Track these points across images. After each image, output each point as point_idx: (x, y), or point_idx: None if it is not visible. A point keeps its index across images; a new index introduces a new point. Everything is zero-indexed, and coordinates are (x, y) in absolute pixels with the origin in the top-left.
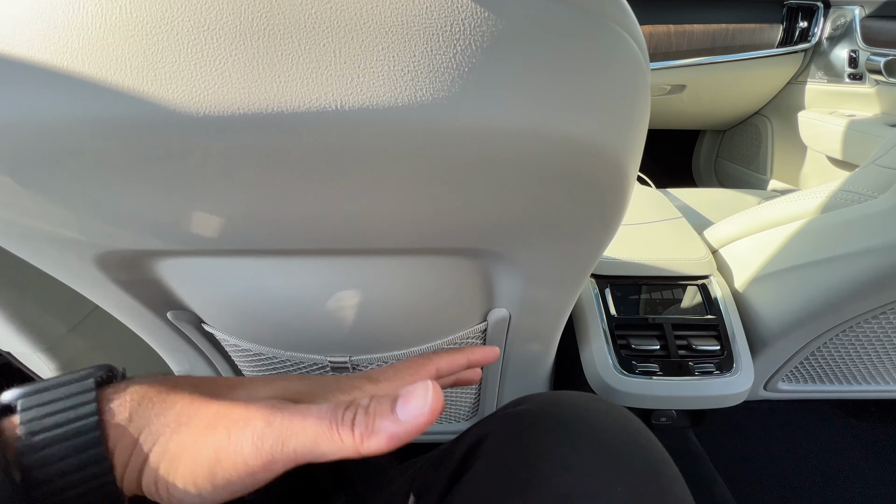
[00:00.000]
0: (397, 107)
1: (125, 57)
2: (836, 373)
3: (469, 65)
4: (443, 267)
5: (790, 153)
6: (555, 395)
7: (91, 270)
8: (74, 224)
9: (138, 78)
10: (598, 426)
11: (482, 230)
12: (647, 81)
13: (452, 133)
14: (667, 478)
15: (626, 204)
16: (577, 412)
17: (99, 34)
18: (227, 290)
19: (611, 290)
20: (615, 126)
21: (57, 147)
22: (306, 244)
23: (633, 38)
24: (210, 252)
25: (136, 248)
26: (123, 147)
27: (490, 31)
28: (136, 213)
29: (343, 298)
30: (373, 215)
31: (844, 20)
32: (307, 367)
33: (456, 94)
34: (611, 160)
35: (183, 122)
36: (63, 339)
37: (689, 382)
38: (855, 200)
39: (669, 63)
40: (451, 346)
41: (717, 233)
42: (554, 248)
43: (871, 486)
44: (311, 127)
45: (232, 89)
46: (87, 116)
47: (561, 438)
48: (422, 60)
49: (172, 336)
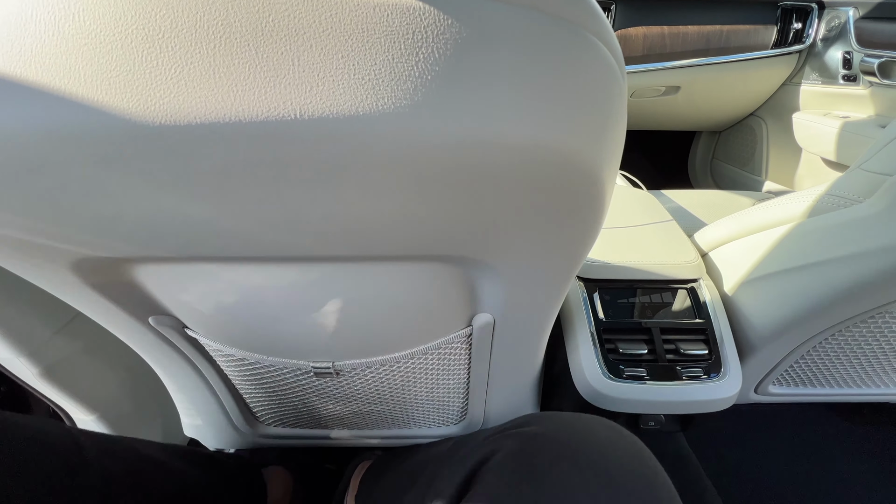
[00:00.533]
0: (359, 116)
1: (79, 65)
2: (827, 376)
3: (432, 72)
4: (424, 273)
5: (785, 154)
6: (566, 419)
7: (67, 276)
8: (46, 233)
9: (91, 87)
10: (607, 454)
11: (458, 238)
12: (622, 90)
13: (417, 143)
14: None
15: (604, 211)
16: (587, 438)
17: (51, 43)
18: (209, 296)
19: (599, 293)
20: (588, 134)
21: (14, 159)
22: (281, 252)
23: (607, 45)
24: (185, 259)
25: (110, 256)
26: (80, 157)
27: (455, 38)
28: (104, 221)
29: (326, 304)
30: (345, 224)
31: (839, 22)
32: (291, 372)
33: (419, 103)
34: (584, 169)
35: (138, 132)
36: (47, 343)
37: (676, 387)
38: (841, 205)
39: (664, 64)
40: (436, 351)
41: (706, 236)
42: (534, 254)
43: (863, 489)
44: (270, 137)
45: (187, 98)
46: (40, 127)
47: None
48: (383, 68)
49: (156, 341)
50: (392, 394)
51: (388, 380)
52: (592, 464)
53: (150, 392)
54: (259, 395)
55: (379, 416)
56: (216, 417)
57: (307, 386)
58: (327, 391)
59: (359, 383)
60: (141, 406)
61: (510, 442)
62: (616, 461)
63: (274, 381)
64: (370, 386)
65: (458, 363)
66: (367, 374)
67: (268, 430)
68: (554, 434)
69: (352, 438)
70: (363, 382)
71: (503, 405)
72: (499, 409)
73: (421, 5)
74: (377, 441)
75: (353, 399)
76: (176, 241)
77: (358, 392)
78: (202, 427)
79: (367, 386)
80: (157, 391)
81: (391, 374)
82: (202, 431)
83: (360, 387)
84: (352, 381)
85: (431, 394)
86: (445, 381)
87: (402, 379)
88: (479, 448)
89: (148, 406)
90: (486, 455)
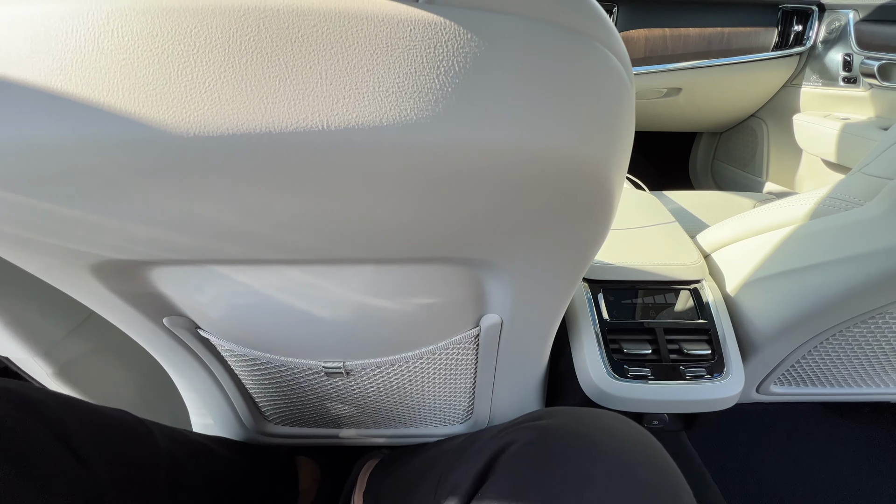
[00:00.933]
0: (382, 126)
1: (116, 79)
2: (828, 376)
3: (453, 85)
4: (435, 275)
5: (786, 156)
6: (581, 412)
7: (86, 278)
8: (71, 236)
9: (129, 99)
10: (624, 447)
11: (471, 241)
12: (631, 98)
13: (438, 150)
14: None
15: (612, 215)
16: (601, 432)
17: (91, 57)
18: (223, 297)
19: (604, 294)
20: (599, 141)
21: (52, 165)
22: (300, 255)
23: (617, 56)
24: (206, 261)
25: (131, 259)
26: (116, 165)
27: (473, 52)
28: (131, 226)
29: (337, 305)
30: (364, 227)
31: (839, 24)
32: (301, 372)
33: (440, 114)
34: (595, 174)
35: (173, 142)
36: (61, 343)
37: (680, 386)
38: (842, 208)
39: (665, 66)
40: (444, 351)
41: (708, 237)
42: (543, 256)
43: (864, 488)
44: (299, 146)
45: (221, 110)
46: (80, 136)
47: (588, 456)
48: (406, 81)
49: (168, 341)
50: (400, 393)
51: (396, 379)
52: (611, 456)
53: (160, 391)
54: (269, 394)
55: (386, 415)
56: (226, 416)
57: (317, 385)
58: (337, 391)
59: (368, 383)
60: (151, 405)
61: (526, 434)
62: (633, 454)
63: (284, 381)
64: (379, 385)
65: (466, 363)
66: (376, 374)
67: (277, 429)
68: (570, 427)
69: (359, 437)
70: (372, 382)
71: (508, 404)
72: (504, 409)
73: (442, 21)
74: (384, 440)
75: (362, 398)
76: (198, 245)
77: (367, 392)
78: (212, 426)
79: (375, 386)
80: (167, 390)
81: (400, 373)
82: (212, 430)
83: (369, 386)
84: (361, 380)
85: (438, 393)
86: (452, 381)
87: (410, 379)
88: (494, 440)
89: (158, 405)
90: (502, 446)
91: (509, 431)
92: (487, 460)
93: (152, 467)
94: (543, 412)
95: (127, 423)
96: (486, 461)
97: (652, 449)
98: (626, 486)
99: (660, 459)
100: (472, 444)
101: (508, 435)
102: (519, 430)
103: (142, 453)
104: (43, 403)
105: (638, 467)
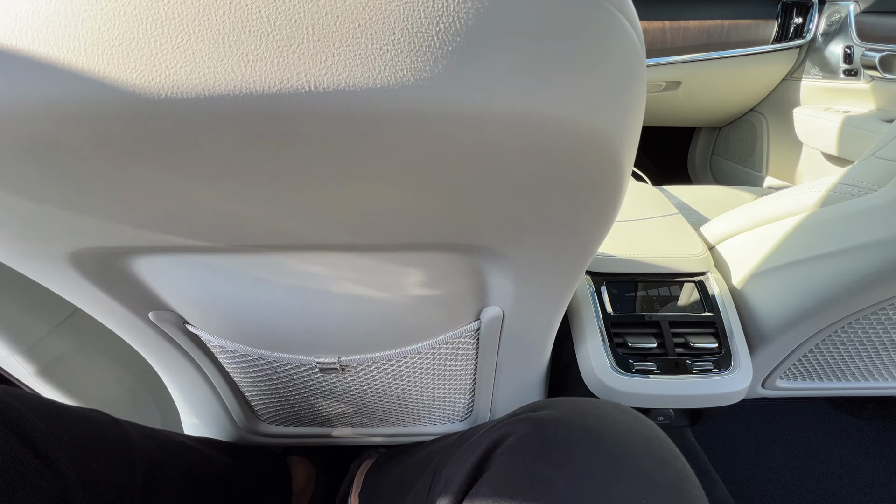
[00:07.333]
0: (376, 88)
1: (76, 34)
2: (835, 370)
3: (453, 44)
4: (433, 264)
5: (785, 150)
6: (580, 403)
7: (65, 269)
8: (39, 220)
9: (91, 58)
10: (625, 437)
11: (472, 224)
12: (643, 67)
13: (436, 118)
14: (691, 496)
15: (621, 195)
16: (601, 422)
17: (48, 8)
18: (211, 289)
19: (607, 287)
20: (610, 111)
21: (6, 135)
22: (288, 240)
23: (630, 21)
24: (189, 249)
25: (109, 245)
26: (80, 133)
27: (476, 8)
28: (104, 207)
29: (331, 297)
30: (356, 206)
31: (839, 16)
32: (295, 368)
33: (439, 76)
34: (605, 147)
35: (142, 106)
36: (43, 341)
37: (686, 381)
38: (854, 194)
39: (664, 59)
40: (443, 346)
41: (713, 229)
42: (547, 242)
43: (869, 483)
44: (282, 112)
45: (193, 70)
46: (36, 100)
47: (587, 447)
48: (402, 38)
49: (156, 338)
50: (397, 390)
51: (393, 376)
52: (611, 446)
53: (148, 391)
54: (261, 392)
55: (383, 413)
56: (217, 416)
57: (311, 382)
58: (331, 388)
59: (364, 380)
60: (139, 405)
61: (523, 425)
62: (635, 444)
63: (277, 378)
64: (375, 382)
65: (466, 358)
66: (372, 370)
67: (270, 428)
68: (569, 417)
69: (355, 437)
70: (368, 379)
71: (510, 401)
72: (505, 405)
73: None
74: (381, 439)
75: (358, 396)
76: (179, 228)
77: (363, 389)
78: (203, 426)
79: (372, 382)
80: (155, 390)
81: (397, 369)
82: (203, 430)
83: (366, 383)
84: (357, 377)
85: (437, 390)
86: (452, 377)
87: (408, 375)
88: (489, 433)
89: (147, 405)
90: (498, 439)
91: (505, 424)
92: (482, 455)
93: (126, 467)
94: (542, 403)
95: (99, 422)
96: (480, 455)
97: (656, 440)
98: (627, 479)
99: (664, 450)
100: (468, 438)
101: (504, 427)
102: (515, 422)
103: (114, 453)
104: (5, 404)
105: (640, 458)
